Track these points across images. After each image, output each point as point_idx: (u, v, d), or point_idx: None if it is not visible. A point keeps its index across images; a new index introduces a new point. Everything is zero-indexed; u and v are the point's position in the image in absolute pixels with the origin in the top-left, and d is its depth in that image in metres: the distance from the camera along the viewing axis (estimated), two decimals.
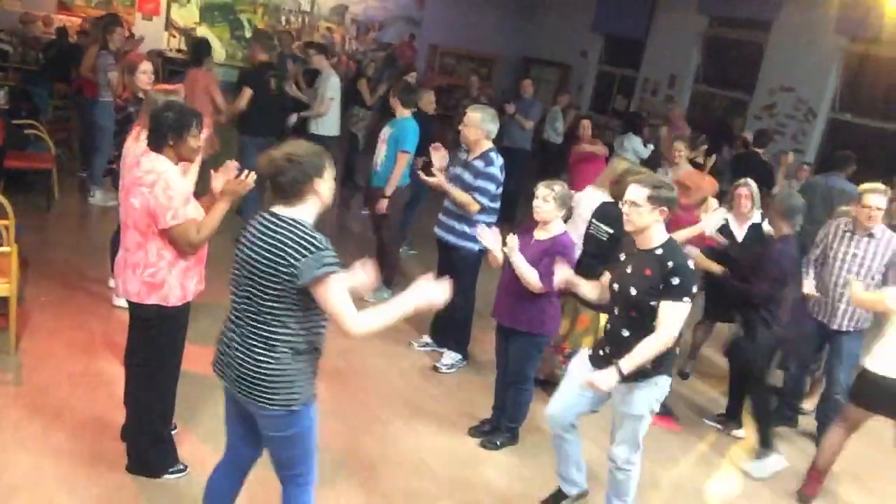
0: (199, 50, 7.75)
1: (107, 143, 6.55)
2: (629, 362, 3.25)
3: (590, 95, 15.31)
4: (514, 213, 8.37)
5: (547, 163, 10.22)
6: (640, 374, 3.30)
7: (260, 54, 7.40)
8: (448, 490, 3.94)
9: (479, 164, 5.04)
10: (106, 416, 3.94)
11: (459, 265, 5.18)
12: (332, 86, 8.04)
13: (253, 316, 2.73)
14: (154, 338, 3.45)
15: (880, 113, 10.08)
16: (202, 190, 3.59)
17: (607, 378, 3.26)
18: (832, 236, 4.90)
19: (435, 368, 5.25)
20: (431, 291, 2.84)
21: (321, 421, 4.32)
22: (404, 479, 3.97)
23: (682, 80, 12.98)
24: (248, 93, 6.96)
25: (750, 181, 5.38)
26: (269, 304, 2.67)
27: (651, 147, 9.43)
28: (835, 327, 4.86)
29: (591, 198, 5.09)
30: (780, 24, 11.10)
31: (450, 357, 5.33)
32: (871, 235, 4.72)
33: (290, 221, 2.69)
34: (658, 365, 3.34)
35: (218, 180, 3.38)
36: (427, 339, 5.57)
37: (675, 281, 3.19)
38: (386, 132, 6.21)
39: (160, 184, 3.18)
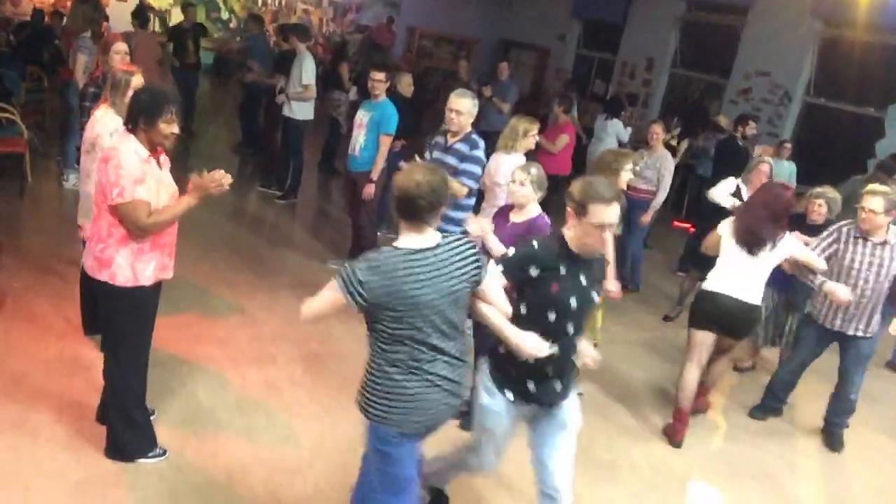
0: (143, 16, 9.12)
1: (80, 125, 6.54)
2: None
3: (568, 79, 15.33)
4: None
5: None
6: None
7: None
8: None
9: (464, 147, 5.02)
10: (83, 401, 3.92)
11: None
12: (307, 69, 7.98)
13: None
14: (110, 316, 3.45)
15: (854, 97, 10.20)
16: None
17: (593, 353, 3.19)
18: (842, 242, 4.72)
19: None
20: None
21: (299, 404, 4.37)
22: None
23: (659, 63, 13.03)
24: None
25: (770, 160, 6.25)
26: None
27: (630, 130, 9.52)
28: (851, 332, 4.76)
29: (507, 162, 5.03)
30: (757, 9, 11.16)
31: None
32: (884, 243, 4.59)
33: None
34: None
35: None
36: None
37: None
38: (364, 116, 6.17)
39: (113, 160, 3.20)
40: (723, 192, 6.18)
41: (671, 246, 8.92)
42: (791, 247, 4.56)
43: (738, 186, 6.17)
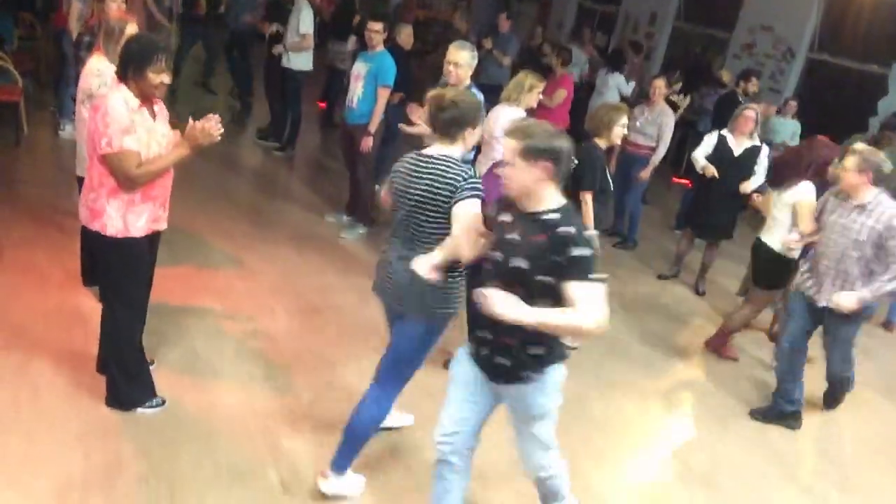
0: None
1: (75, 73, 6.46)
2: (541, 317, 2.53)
3: (570, 32, 15.11)
4: None
5: None
6: (540, 365, 2.77)
7: None
8: (425, 422, 4.01)
9: None
10: (83, 351, 3.95)
11: None
12: (305, 19, 7.85)
13: None
14: (104, 266, 3.48)
15: (858, 54, 10.07)
16: None
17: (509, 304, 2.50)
18: (829, 202, 4.47)
19: None
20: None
21: (298, 356, 4.41)
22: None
23: (662, 16, 12.83)
24: None
25: (756, 107, 6.35)
26: None
27: (633, 84, 9.42)
28: (822, 304, 4.41)
29: (507, 115, 5.00)
30: None
31: None
32: (862, 207, 4.23)
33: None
34: (553, 351, 2.78)
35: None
36: None
37: (576, 252, 2.53)
38: (361, 68, 6.10)
39: (102, 109, 3.19)
40: (700, 154, 6.30)
41: (670, 202, 8.91)
42: (799, 193, 4.83)
43: (720, 136, 6.25)
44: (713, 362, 5.38)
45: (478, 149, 5.26)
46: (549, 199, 2.64)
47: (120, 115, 3.16)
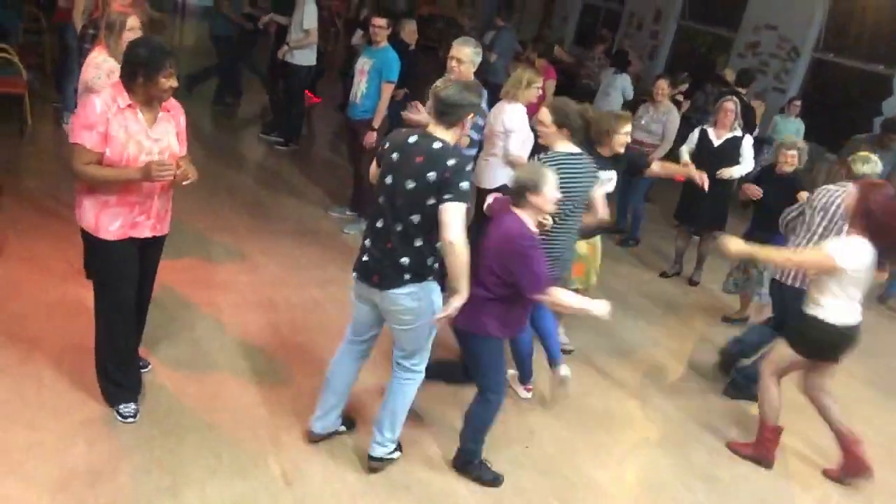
0: None
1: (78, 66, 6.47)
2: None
3: (574, 28, 15.11)
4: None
5: None
6: None
7: None
8: (421, 403, 4.04)
9: None
10: (85, 344, 3.93)
11: None
12: (310, 14, 7.85)
13: None
14: (92, 262, 3.54)
15: (863, 54, 10.05)
16: None
17: None
18: None
19: None
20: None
21: (299, 349, 4.42)
22: (378, 402, 4.04)
23: (667, 15, 12.82)
24: None
25: (736, 98, 6.37)
26: None
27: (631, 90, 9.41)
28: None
29: (508, 112, 5.05)
30: None
31: None
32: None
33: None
34: None
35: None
36: None
37: None
38: (365, 63, 6.10)
39: (82, 103, 3.26)
40: (685, 150, 6.45)
41: (673, 201, 8.86)
42: None
43: (702, 130, 6.37)
44: (712, 358, 5.37)
45: (480, 145, 5.27)
46: None
47: (90, 112, 3.15)
